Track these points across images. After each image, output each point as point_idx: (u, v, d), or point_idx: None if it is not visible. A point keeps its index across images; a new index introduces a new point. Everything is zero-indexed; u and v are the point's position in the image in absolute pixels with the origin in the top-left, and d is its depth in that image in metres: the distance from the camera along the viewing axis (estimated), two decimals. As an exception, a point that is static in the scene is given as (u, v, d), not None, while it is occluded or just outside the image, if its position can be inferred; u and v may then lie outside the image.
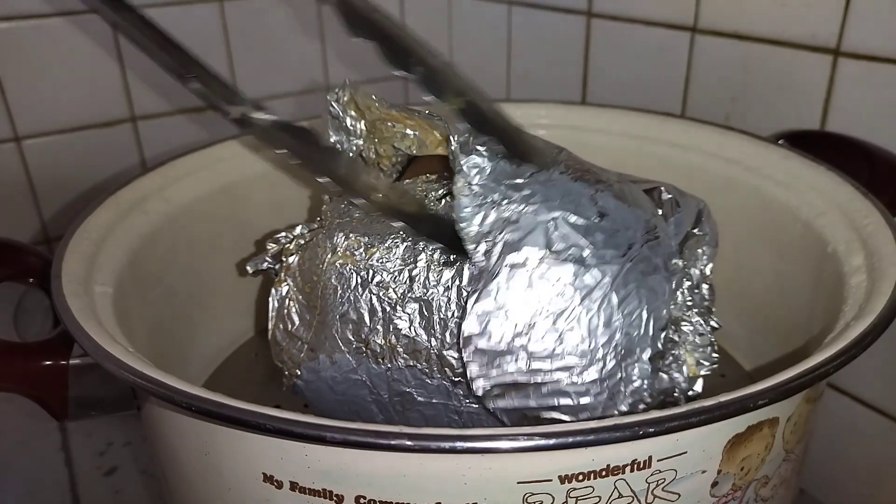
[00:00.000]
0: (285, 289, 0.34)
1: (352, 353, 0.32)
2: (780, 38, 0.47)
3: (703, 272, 0.34)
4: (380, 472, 0.25)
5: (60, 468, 0.52)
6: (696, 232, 0.35)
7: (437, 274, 0.30)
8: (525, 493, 0.25)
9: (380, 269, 0.31)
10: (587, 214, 0.30)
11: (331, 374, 0.32)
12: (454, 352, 0.30)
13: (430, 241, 0.32)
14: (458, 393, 0.31)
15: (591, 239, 0.30)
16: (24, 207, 0.56)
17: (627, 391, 0.30)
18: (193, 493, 0.31)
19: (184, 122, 0.60)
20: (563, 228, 0.30)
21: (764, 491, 0.30)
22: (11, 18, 0.52)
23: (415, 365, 0.31)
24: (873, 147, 0.43)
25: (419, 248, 0.31)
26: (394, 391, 0.32)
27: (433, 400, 0.31)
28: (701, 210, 0.35)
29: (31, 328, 0.52)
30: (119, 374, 0.27)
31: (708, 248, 0.34)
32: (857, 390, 0.47)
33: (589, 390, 0.29)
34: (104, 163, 0.57)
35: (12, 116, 0.53)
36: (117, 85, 0.56)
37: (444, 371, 0.30)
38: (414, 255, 0.31)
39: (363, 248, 0.32)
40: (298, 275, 0.34)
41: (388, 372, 0.31)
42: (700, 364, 0.32)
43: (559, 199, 0.30)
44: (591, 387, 0.29)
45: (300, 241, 0.35)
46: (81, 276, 0.34)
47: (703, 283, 0.33)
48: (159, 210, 0.41)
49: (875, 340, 0.28)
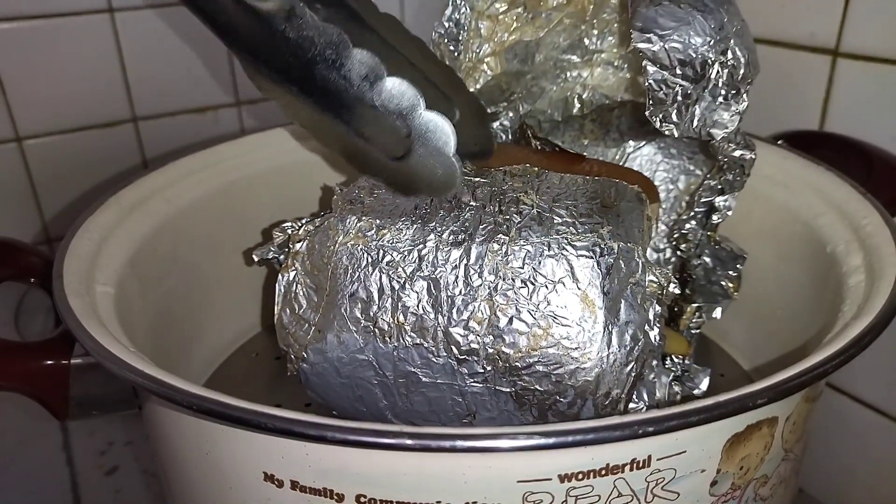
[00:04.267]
0: (292, 273, 0.35)
1: (360, 332, 0.32)
2: (779, 39, 0.48)
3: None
4: (380, 471, 0.25)
5: (62, 468, 0.52)
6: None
7: (446, 254, 0.31)
8: (525, 492, 0.25)
9: (390, 249, 0.32)
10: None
11: (337, 355, 0.33)
12: (461, 328, 0.31)
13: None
14: (463, 372, 0.31)
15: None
16: (26, 207, 0.56)
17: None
18: (194, 492, 0.31)
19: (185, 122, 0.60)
20: None
21: (763, 490, 0.30)
22: (12, 19, 0.52)
23: (421, 343, 0.32)
24: (872, 147, 0.43)
25: (428, 229, 0.32)
26: (399, 372, 0.32)
27: (438, 380, 0.32)
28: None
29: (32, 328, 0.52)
30: (120, 373, 0.27)
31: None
32: (857, 390, 0.47)
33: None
34: (105, 163, 0.57)
35: (13, 116, 0.53)
36: (119, 85, 0.56)
37: (451, 349, 0.31)
38: (423, 235, 0.32)
39: (374, 229, 0.33)
40: (307, 258, 0.35)
41: (394, 351, 0.32)
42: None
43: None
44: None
45: (309, 227, 0.36)
46: (83, 275, 0.34)
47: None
48: (160, 210, 0.41)
49: (874, 340, 0.28)
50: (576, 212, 0.32)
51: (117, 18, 0.54)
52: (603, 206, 0.32)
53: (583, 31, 0.44)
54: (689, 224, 0.41)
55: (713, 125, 0.34)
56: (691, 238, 0.41)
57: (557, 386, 0.30)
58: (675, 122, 0.34)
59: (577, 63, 0.45)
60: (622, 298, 0.31)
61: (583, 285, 0.30)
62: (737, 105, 0.34)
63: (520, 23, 0.42)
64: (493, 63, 0.43)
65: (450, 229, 0.32)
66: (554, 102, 0.46)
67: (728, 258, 0.40)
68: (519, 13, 0.42)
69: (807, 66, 0.46)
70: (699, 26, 0.33)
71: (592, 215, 0.32)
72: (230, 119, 0.61)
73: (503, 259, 0.31)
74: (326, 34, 0.32)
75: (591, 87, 0.45)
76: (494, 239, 0.31)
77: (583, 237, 0.31)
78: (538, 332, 0.30)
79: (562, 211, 0.32)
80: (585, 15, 0.43)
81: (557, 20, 0.42)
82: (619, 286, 0.31)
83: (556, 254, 0.31)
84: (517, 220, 0.32)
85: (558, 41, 0.44)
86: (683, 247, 0.42)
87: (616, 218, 0.32)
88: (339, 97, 0.33)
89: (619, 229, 0.32)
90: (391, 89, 0.32)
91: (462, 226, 0.32)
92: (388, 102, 0.32)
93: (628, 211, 0.33)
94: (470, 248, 0.31)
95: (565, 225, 0.31)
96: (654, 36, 0.33)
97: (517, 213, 0.32)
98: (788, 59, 0.47)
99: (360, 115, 0.33)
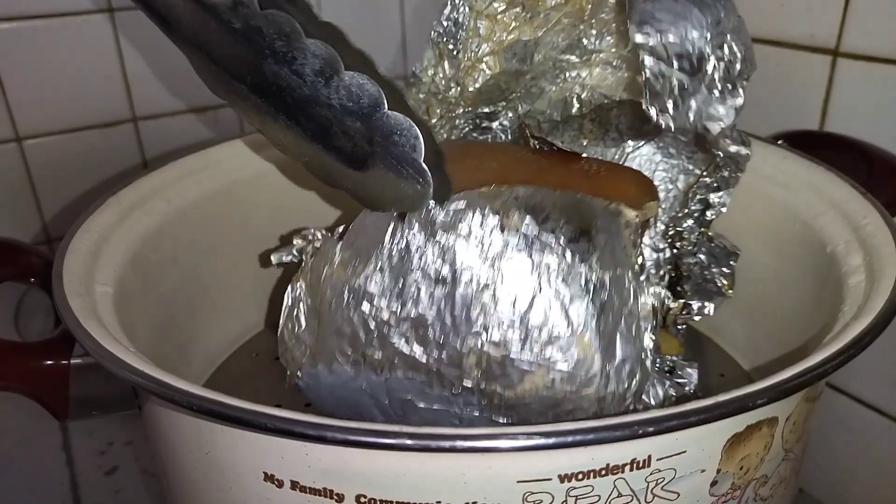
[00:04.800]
0: (298, 290, 0.34)
1: (350, 365, 0.32)
2: (780, 39, 0.48)
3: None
4: (380, 471, 0.25)
5: (61, 468, 0.52)
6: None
7: (430, 297, 0.30)
8: (525, 493, 0.25)
9: (365, 290, 0.31)
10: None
11: (330, 382, 0.32)
12: (453, 369, 0.30)
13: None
14: (459, 402, 0.31)
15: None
16: (26, 207, 0.56)
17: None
18: (194, 492, 0.31)
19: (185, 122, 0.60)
20: None
21: (763, 490, 0.30)
22: (12, 19, 0.52)
23: (414, 378, 0.31)
24: (872, 147, 0.43)
25: (407, 269, 0.30)
26: (394, 398, 0.32)
27: (434, 406, 0.31)
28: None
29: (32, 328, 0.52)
30: (120, 373, 0.27)
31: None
32: (857, 390, 0.47)
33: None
34: (105, 163, 0.57)
35: (13, 116, 0.53)
36: (118, 85, 0.56)
37: (444, 385, 0.30)
38: (403, 273, 0.30)
39: (352, 265, 0.31)
40: (310, 278, 0.34)
41: (387, 382, 0.31)
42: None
43: None
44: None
45: (316, 244, 0.35)
46: (83, 275, 0.34)
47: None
48: (160, 210, 0.41)
49: (874, 340, 0.28)
50: (561, 235, 0.30)
51: (117, 18, 0.54)
52: (582, 230, 0.31)
53: (581, 31, 0.44)
54: (686, 222, 0.41)
55: (709, 119, 0.35)
56: (687, 236, 0.41)
57: (556, 419, 0.30)
58: (672, 115, 0.34)
59: (575, 63, 0.45)
60: (617, 333, 0.30)
61: (577, 328, 0.29)
62: (733, 100, 0.34)
63: (518, 22, 0.42)
64: (492, 62, 0.43)
65: (433, 267, 0.30)
66: (553, 102, 0.46)
67: (722, 255, 0.40)
68: (517, 13, 0.42)
69: (807, 66, 0.46)
70: (696, 21, 0.33)
71: (579, 240, 0.30)
72: (230, 119, 0.61)
73: (492, 301, 0.29)
74: (276, 23, 0.28)
75: (590, 87, 0.45)
76: (482, 282, 0.29)
77: (574, 272, 0.30)
78: (533, 378, 0.29)
79: (548, 235, 0.30)
80: (584, 15, 0.43)
81: (556, 20, 0.42)
82: (614, 322, 0.30)
83: (549, 298, 0.29)
84: (501, 251, 0.30)
85: (557, 41, 0.44)
86: (679, 244, 0.42)
87: (600, 239, 0.31)
88: (292, 96, 0.30)
89: (605, 254, 0.30)
90: (349, 85, 0.28)
91: (443, 259, 0.30)
92: (345, 101, 0.29)
93: (607, 227, 0.31)
94: (454, 292, 0.30)
95: (555, 255, 0.30)
96: (651, 29, 0.33)
97: (503, 243, 0.30)
98: (788, 59, 0.47)
99: (316, 116, 0.30)
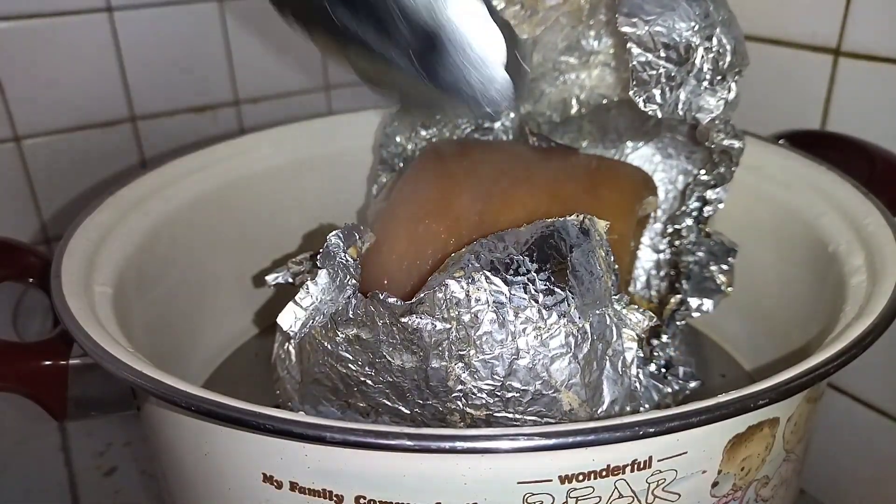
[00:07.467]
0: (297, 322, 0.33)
1: (336, 406, 0.32)
2: (781, 38, 0.47)
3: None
4: (380, 472, 0.25)
5: (60, 468, 0.52)
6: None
7: (400, 368, 0.29)
8: (525, 494, 0.25)
9: (339, 354, 0.30)
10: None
11: (319, 416, 0.32)
12: (437, 422, 0.30)
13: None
14: None
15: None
16: (24, 207, 0.56)
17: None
18: (193, 493, 0.31)
19: (184, 121, 0.60)
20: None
21: (764, 491, 0.30)
22: (11, 18, 0.52)
23: (400, 423, 0.30)
24: (874, 147, 0.43)
25: (377, 344, 0.29)
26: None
27: None
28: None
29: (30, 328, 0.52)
30: (119, 373, 0.27)
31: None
32: (858, 390, 0.47)
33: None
34: (104, 163, 0.57)
35: (12, 116, 0.53)
36: (117, 84, 0.56)
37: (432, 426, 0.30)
38: (372, 347, 0.29)
39: (325, 326, 0.30)
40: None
41: (374, 421, 0.31)
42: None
43: None
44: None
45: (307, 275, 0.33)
46: (81, 275, 0.34)
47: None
48: (159, 210, 0.41)
49: (875, 340, 0.28)
50: (535, 291, 0.28)
51: (116, 18, 0.54)
52: (556, 274, 0.29)
53: (580, 32, 0.44)
54: (684, 221, 0.41)
55: (699, 110, 0.35)
56: (686, 234, 0.41)
57: None
58: (659, 104, 0.35)
59: (574, 65, 0.45)
60: (603, 379, 0.30)
61: (561, 386, 0.29)
62: (723, 92, 0.35)
63: (517, 20, 0.42)
64: (493, 62, 0.43)
65: (401, 346, 0.29)
66: (553, 104, 0.46)
67: (721, 251, 0.40)
68: (517, 11, 0.42)
69: (808, 65, 0.46)
70: (684, 12, 0.34)
71: (555, 290, 0.28)
72: (229, 118, 0.61)
73: (467, 371, 0.28)
74: None
75: (589, 88, 0.45)
76: (455, 354, 0.28)
77: (553, 330, 0.28)
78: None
79: (521, 293, 0.28)
80: (582, 15, 0.43)
81: (554, 19, 0.42)
82: (599, 368, 0.29)
83: (529, 361, 0.28)
84: (471, 321, 0.28)
85: (556, 42, 0.44)
86: (678, 243, 0.42)
87: (576, 277, 0.29)
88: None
89: (585, 295, 0.29)
90: None
91: (410, 341, 0.29)
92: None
93: (582, 257, 0.29)
94: (426, 367, 0.28)
95: (530, 318, 0.28)
96: (639, 20, 0.33)
97: (471, 315, 0.28)
98: (790, 59, 0.47)
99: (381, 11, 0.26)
